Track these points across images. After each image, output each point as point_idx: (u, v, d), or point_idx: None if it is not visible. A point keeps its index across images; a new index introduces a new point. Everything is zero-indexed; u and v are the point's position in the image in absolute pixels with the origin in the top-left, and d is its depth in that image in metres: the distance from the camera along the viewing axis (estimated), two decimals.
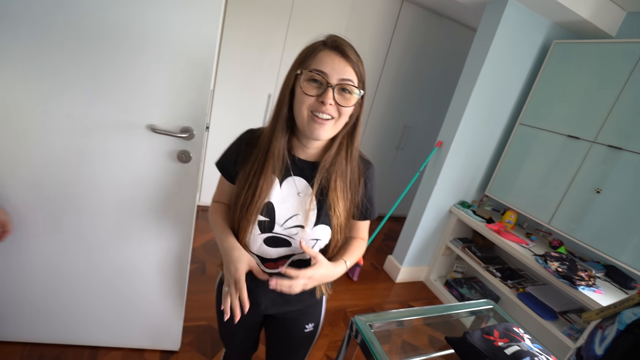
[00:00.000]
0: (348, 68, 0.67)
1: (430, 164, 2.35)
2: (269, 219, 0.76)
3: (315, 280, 0.71)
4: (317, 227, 0.76)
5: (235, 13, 2.32)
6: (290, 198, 0.76)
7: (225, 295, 0.70)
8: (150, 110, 1.08)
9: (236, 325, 0.97)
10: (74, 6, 0.93)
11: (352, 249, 0.83)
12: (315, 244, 0.77)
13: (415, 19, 2.87)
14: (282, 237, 0.77)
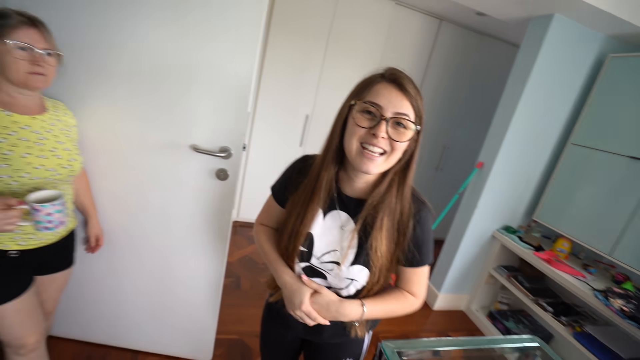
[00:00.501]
0: (405, 102, 0.65)
1: (471, 185, 2.24)
2: (307, 250, 0.76)
3: (321, 308, 0.72)
4: (354, 266, 0.73)
5: (277, 35, 2.48)
6: (332, 232, 0.75)
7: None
8: (193, 132, 1.19)
9: (275, 345, 0.99)
10: (133, 50, 1.07)
11: (385, 297, 0.76)
12: (350, 284, 0.74)
13: (454, 37, 2.84)
14: (318, 270, 0.77)
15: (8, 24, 0.80)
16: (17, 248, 0.92)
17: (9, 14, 0.81)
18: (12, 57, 0.81)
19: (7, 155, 0.84)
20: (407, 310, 0.79)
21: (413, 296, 0.78)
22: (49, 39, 0.88)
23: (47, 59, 0.87)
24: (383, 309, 0.75)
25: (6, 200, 0.80)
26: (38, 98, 0.95)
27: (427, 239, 0.75)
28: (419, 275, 0.78)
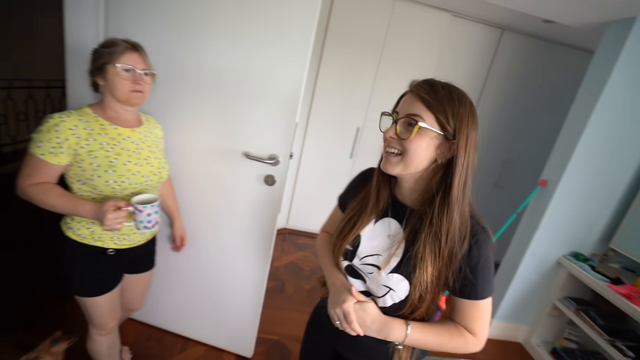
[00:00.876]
0: (417, 104, 0.65)
1: (532, 205, 2.06)
2: (352, 249, 0.77)
3: (362, 318, 0.70)
4: (394, 275, 0.70)
5: (330, 54, 2.59)
6: (380, 238, 0.75)
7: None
8: (246, 140, 1.31)
9: (312, 353, 0.99)
10: (197, 68, 1.23)
11: (435, 326, 0.70)
12: (387, 293, 0.72)
13: (517, 46, 2.67)
14: (358, 271, 0.77)
15: (116, 51, 0.95)
16: (114, 247, 1.06)
17: (117, 43, 0.97)
18: (119, 78, 0.96)
19: (113, 163, 0.97)
20: (461, 348, 0.70)
21: (471, 334, 0.70)
22: (146, 61, 1.02)
23: (145, 78, 1.01)
24: (432, 339, 0.69)
25: (116, 203, 0.92)
26: (136, 113, 1.10)
27: (485, 268, 0.67)
28: (477, 309, 0.68)
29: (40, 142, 0.90)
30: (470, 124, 0.65)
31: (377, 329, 0.70)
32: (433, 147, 0.66)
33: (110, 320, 1.16)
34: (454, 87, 0.68)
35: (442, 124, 0.65)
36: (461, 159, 0.64)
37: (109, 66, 0.95)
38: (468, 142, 0.64)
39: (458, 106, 0.64)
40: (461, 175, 0.65)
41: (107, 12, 1.30)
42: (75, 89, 1.43)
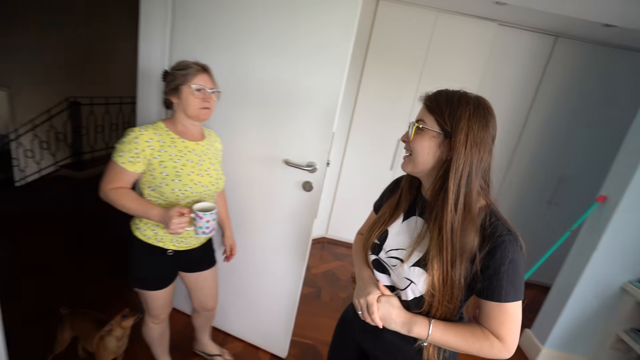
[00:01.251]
0: (423, 110, 0.74)
1: (589, 223, 1.89)
2: (379, 242, 0.82)
3: (386, 310, 0.73)
4: (415, 268, 0.73)
5: (373, 64, 2.64)
6: (406, 234, 0.79)
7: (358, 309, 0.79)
8: (286, 148, 1.41)
9: (339, 354, 1.02)
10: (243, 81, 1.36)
11: (460, 326, 0.71)
12: (408, 286, 0.74)
13: (574, 53, 2.50)
14: (383, 264, 0.80)
15: (190, 73, 1.08)
16: (173, 248, 1.18)
17: (189, 65, 1.09)
18: (192, 97, 1.08)
19: (179, 173, 1.08)
20: (487, 352, 0.69)
21: (497, 339, 0.68)
22: (214, 80, 1.14)
23: (212, 96, 1.12)
24: (454, 339, 0.70)
25: (180, 209, 1.02)
26: (200, 127, 1.21)
27: (511, 270, 0.66)
28: (503, 313, 0.67)
29: (122, 152, 1.04)
30: (472, 122, 0.68)
31: (401, 322, 0.73)
32: (435, 145, 0.71)
33: (162, 312, 1.30)
34: (459, 92, 0.72)
35: (440, 124, 0.70)
36: (459, 154, 0.67)
37: (184, 87, 1.08)
38: (468, 138, 0.67)
39: (457, 107, 0.69)
40: (458, 169, 0.67)
41: (172, 40, 1.51)
42: (144, 105, 1.66)
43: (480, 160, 0.68)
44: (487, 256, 0.67)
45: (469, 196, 0.68)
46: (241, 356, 1.70)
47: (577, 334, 1.96)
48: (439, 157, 0.71)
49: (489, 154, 0.70)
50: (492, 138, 0.71)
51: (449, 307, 0.71)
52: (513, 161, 2.79)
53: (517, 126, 2.71)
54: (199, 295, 1.40)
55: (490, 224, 0.68)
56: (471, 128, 0.67)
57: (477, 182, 0.69)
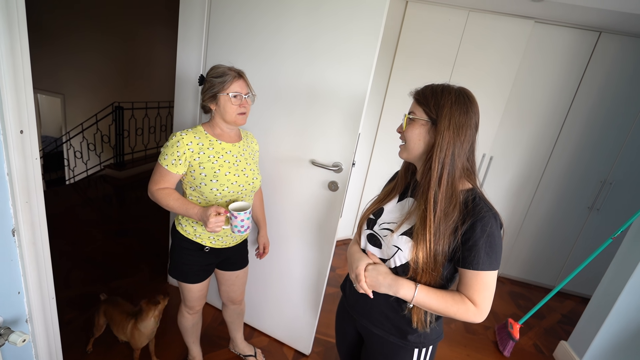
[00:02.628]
0: (413, 103, 0.85)
1: (634, 230, 1.76)
2: (374, 218, 0.91)
3: (374, 275, 0.83)
4: (402, 237, 0.82)
5: (400, 69, 2.62)
6: (400, 212, 0.88)
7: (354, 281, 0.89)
8: (313, 148, 1.44)
9: (340, 336, 1.11)
10: (275, 85, 1.42)
11: (441, 291, 0.79)
12: (395, 253, 0.82)
13: (620, 49, 2.34)
14: (377, 236, 0.88)
15: (227, 80, 1.11)
16: (210, 245, 1.24)
17: (225, 72, 1.12)
18: (229, 104, 1.12)
19: (217, 173, 1.13)
20: (463, 314, 0.77)
21: (472, 304, 0.77)
22: (249, 85, 1.16)
23: (248, 101, 1.16)
24: (436, 301, 0.78)
25: (217, 209, 1.07)
26: (237, 129, 1.26)
27: (489, 243, 0.75)
28: (478, 281, 0.76)
29: (166, 155, 1.11)
30: (455, 107, 0.77)
31: (387, 283, 0.82)
32: (425, 132, 0.81)
33: (198, 304, 1.38)
34: (443, 85, 0.81)
35: (427, 113, 0.80)
36: (442, 137, 0.76)
37: (221, 94, 1.13)
38: (451, 122, 0.76)
39: (440, 97, 0.78)
40: (442, 149, 0.76)
41: (206, 47, 1.60)
42: (181, 108, 1.77)
43: (462, 142, 0.77)
44: (469, 230, 0.75)
45: (452, 174, 0.77)
46: (266, 351, 1.75)
47: (619, 349, 1.82)
48: (428, 142, 0.81)
49: (471, 137, 0.79)
50: (475, 124, 0.80)
51: (432, 274, 0.79)
52: (550, 164, 2.65)
53: (555, 127, 2.58)
54: (227, 291, 1.47)
55: (473, 203, 0.77)
56: (453, 114, 0.77)
57: (460, 162, 0.78)
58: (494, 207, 0.78)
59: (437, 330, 0.90)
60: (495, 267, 0.76)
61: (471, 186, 0.81)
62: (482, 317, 0.78)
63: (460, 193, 0.78)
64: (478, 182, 0.83)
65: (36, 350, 1.02)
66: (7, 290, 0.90)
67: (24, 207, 0.88)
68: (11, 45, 0.76)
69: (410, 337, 0.87)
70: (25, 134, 0.84)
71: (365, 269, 0.86)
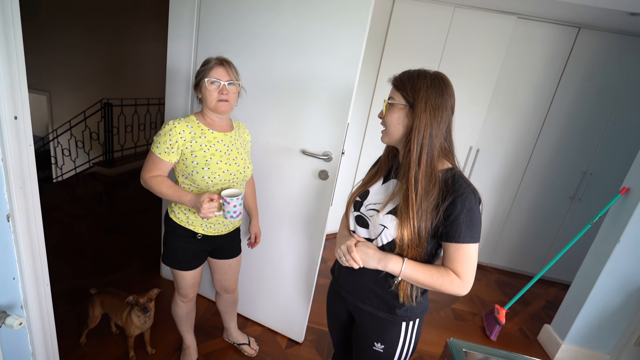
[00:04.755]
0: (392, 89, 0.89)
1: (611, 216, 1.85)
2: (361, 200, 0.96)
3: (363, 251, 0.86)
4: (388, 215, 0.86)
5: (389, 60, 2.66)
6: (385, 193, 0.92)
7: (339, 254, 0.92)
8: (304, 138, 1.48)
9: (331, 317, 1.15)
10: (266, 77, 1.45)
11: (427, 265, 0.84)
12: (382, 231, 0.86)
13: (598, 45, 2.44)
14: (364, 217, 0.92)
15: (207, 68, 1.14)
16: (202, 232, 1.26)
17: (209, 60, 1.15)
18: (208, 90, 1.14)
19: (208, 161, 1.15)
20: (448, 287, 0.81)
21: (457, 276, 0.81)
22: (231, 73, 1.16)
23: (229, 88, 1.15)
24: (423, 275, 0.82)
25: (210, 195, 1.09)
26: (228, 119, 1.27)
27: (469, 217, 0.79)
28: (460, 253, 0.80)
29: (159, 144, 1.13)
30: (431, 90, 0.81)
31: (377, 258, 0.85)
32: (403, 116, 0.84)
33: (191, 292, 1.40)
34: (419, 70, 0.85)
35: (405, 97, 0.84)
36: (420, 118, 0.81)
37: (203, 81, 1.16)
38: (427, 104, 0.80)
39: (416, 81, 0.83)
40: (420, 130, 0.81)
41: (197, 41, 1.62)
42: (172, 102, 1.78)
43: (439, 123, 0.81)
44: (450, 206, 0.79)
45: (431, 154, 0.82)
46: (260, 339, 1.78)
47: (599, 329, 1.91)
48: (407, 125, 0.85)
49: (447, 119, 0.83)
50: (451, 106, 0.84)
51: (417, 250, 0.83)
52: (533, 156, 2.73)
53: (538, 120, 2.66)
54: (221, 279, 1.49)
55: (453, 180, 0.81)
56: (429, 97, 0.81)
57: (438, 143, 0.82)
58: (472, 183, 0.83)
59: (423, 304, 0.95)
60: (476, 239, 0.80)
61: (450, 165, 0.85)
62: (466, 289, 0.82)
63: (440, 172, 0.83)
64: (456, 162, 0.87)
65: (31, 336, 1.04)
66: (2, 276, 0.92)
67: (19, 193, 0.89)
68: (4, 29, 0.77)
69: (398, 311, 0.91)
70: (19, 120, 0.85)
71: (355, 244, 0.89)
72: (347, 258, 0.88)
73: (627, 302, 1.84)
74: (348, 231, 0.99)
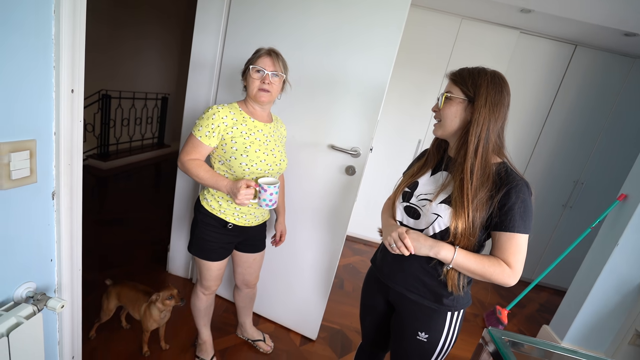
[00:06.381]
0: (449, 83, 0.91)
1: (609, 220, 1.96)
2: (410, 190, 0.97)
3: (415, 239, 0.88)
4: (441, 205, 0.88)
5: (398, 67, 2.75)
6: (434, 184, 0.95)
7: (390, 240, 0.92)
8: (332, 133, 1.50)
9: (366, 309, 1.15)
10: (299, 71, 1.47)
11: (478, 255, 0.86)
12: (435, 220, 0.89)
13: (592, 62, 2.61)
14: (414, 207, 0.94)
15: (255, 56, 1.15)
16: (233, 222, 1.25)
17: (260, 50, 1.17)
18: (251, 78, 1.15)
19: (247, 149, 1.15)
20: (499, 276, 0.84)
21: (507, 266, 0.84)
22: (277, 65, 1.16)
23: (273, 79, 1.15)
24: (474, 263, 0.85)
25: (247, 182, 1.08)
26: (268, 111, 1.28)
27: (522, 208, 0.82)
28: (512, 243, 0.83)
29: (201, 127, 1.13)
30: (491, 87, 0.84)
31: (429, 245, 0.87)
32: (462, 110, 0.87)
33: (214, 284, 1.38)
34: (479, 67, 0.89)
35: (464, 92, 0.87)
36: (479, 113, 0.83)
37: (248, 68, 1.17)
38: (487, 100, 0.84)
39: (477, 77, 0.86)
40: (479, 124, 0.84)
41: (225, 34, 1.62)
42: (193, 93, 1.76)
43: (497, 118, 0.84)
44: (504, 197, 0.82)
45: (487, 147, 0.85)
46: (274, 336, 1.76)
47: (596, 329, 2.01)
48: (463, 119, 0.88)
49: (504, 115, 0.86)
50: (507, 103, 0.87)
51: (470, 239, 0.86)
52: (530, 165, 2.87)
53: (535, 130, 2.80)
54: (244, 273, 1.47)
55: (506, 173, 0.85)
56: (489, 93, 0.84)
57: (494, 137, 0.85)
58: (524, 177, 0.86)
59: (468, 295, 0.97)
60: (528, 230, 0.83)
61: (502, 160, 0.89)
62: (516, 279, 0.84)
63: (493, 165, 0.86)
64: (508, 156, 0.91)
65: (60, 324, 0.99)
66: (42, 257, 0.88)
67: (66, 170, 0.86)
68: (73, 3, 0.76)
69: (445, 300, 0.93)
70: (75, 94, 0.83)
71: (406, 231, 0.91)
72: (398, 245, 0.89)
73: (622, 302, 1.95)
74: (395, 221, 1.00)
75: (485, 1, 2.22)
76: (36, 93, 0.74)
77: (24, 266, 0.82)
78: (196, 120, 1.18)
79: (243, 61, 1.25)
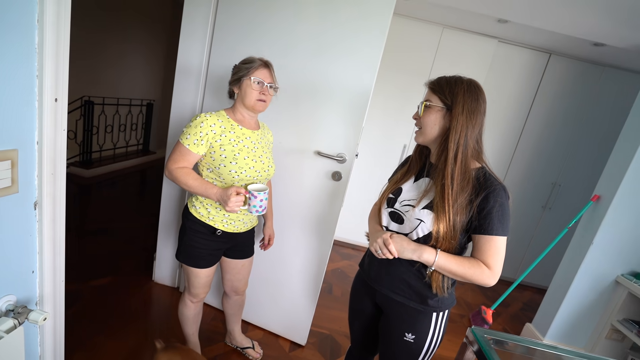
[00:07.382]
0: (428, 92, 0.95)
1: (584, 220, 2.05)
2: (394, 196, 1.01)
3: (398, 243, 0.91)
4: (424, 210, 0.91)
5: (382, 72, 2.81)
6: (417, 190, 0.98)
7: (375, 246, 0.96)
8: (318, 139, 1.52)
9: (355, 313, 1.17)
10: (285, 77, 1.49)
11: (459, 257, 0.89)
12: (418, 225, 0.92)
13: (565, 70, 2.74)
14: (398, 213, 0.97)
15: (252, 67, 1.17)
16: (222, 229, 1.25)
17: (254, 60, 1.19)
18: (250, 88, 1.17)
19: (236, 156, 1.16)
20: (479, 277, 0.87)
21: (487, 267, 0.87)
22: (273, 76, 1.22)
23: (270, 90, 1.20)
24: (455, 265, 0.88)
25: (237, 189, 1.10)
26: (256, 118, 1.30)
27: (500, 211, 0.85)
28: (491, 245, 0.87)
29: (189, 135, 1.13)
30: (467, 95, 0.88)
31: (412, 249, 0.91)
32: (440, 117, 0.91)
33: (202, 292, 1.37)
34: (455, 76, 0.93)
35: (442, 100, 0.91)
36: (457, 120, 0.87)
37: (245, 78, 1.18)
38: (464, 108, 0.88)
39: (454, 86, 0.90)
40: (457, 131, 0.87)
41: (211, 42, 1.63)
42: (179, 100, 1.76)
43: (474, 125, 0.88)
44: (483, 201, 0.86)
45: (465, 153, 0.88)
46: (263, 343, 1.75)
47: (576, 325, 2.09)
48: (443, 126, 0.92)
49: (480, 122, 0.90)
50: (484, 110, 0.90)
51: (451, 242, 0.89)
52: (510, 168, 2.97)
53: (514, 136, 2.91)
54: (232, 280, 1.47)
55: (484, 177, 0.89)
56: (466, 101, 0.88)
57: (472, 143, 0.89)
58: (502, 181, 0.91)
59: (452, 296, 1.00)
60: (506, 232, 0.87)
61: (480, 165, 0.92)
62: (495, 279, 0.88)
63: (472, 170, 0.90)
64: (486, 161, 0.95)
65: (42, 337, 0.97)
66: (23, 268, 0.86)
67: (49, 180, 0.85)
68: (57, 12, 0.76)
69: (430, 301, 0.96)
70: (58, 103, 0.83)
71: (390, 237, 0.94)
72: (383, 251, 0.92)
73: (599, 299, 2.03)
74: (380, 227, 1.03)
75: (464, 12, 2.31)
76: (18, 102, 0.74)
77: (3, 278, 0.81)
78: (183, 128, 1.18)
79: (229, 68, 1.26)
